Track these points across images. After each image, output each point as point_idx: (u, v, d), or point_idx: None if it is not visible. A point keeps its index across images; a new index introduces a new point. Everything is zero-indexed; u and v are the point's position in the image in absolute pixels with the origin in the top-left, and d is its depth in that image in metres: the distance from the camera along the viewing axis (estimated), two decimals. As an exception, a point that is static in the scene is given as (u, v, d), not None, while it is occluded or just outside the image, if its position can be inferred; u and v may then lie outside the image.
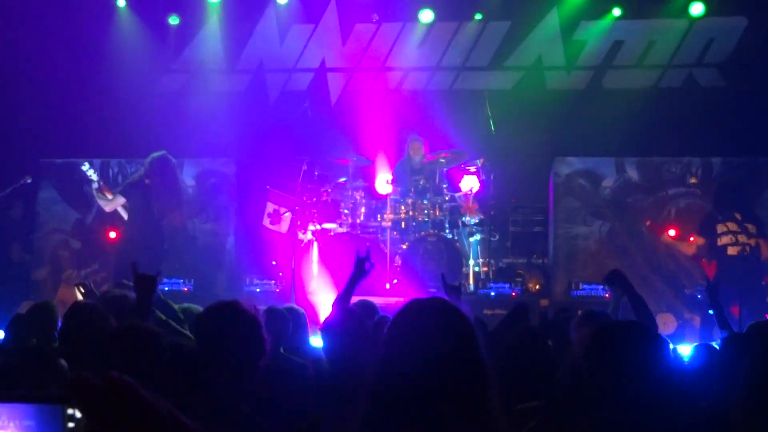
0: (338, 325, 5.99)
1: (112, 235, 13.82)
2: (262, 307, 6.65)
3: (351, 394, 3.13)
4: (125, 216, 13.16)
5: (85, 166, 13.27)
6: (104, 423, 1.58)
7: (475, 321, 2.96)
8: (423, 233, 14.35)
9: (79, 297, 7.79)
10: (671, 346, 4.18)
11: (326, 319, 6.18)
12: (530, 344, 5.59)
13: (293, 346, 6.73)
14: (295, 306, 7.99)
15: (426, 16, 16.18)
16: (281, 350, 6.42)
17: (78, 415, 2.99)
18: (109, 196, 13.07)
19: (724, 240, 12.92)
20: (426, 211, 14.49)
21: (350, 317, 6.16)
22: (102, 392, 1.58)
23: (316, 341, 7.24)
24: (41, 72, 15.65)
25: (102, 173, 15.21)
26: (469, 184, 14.53)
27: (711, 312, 8.08)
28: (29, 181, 14.56)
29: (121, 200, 13.06)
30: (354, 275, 7.02)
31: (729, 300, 10.87)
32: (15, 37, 15.23)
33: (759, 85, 15.32)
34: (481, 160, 14.68)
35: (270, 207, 14.95)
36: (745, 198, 13.67)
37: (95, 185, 13.15)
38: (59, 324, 6.17)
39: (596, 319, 6.35)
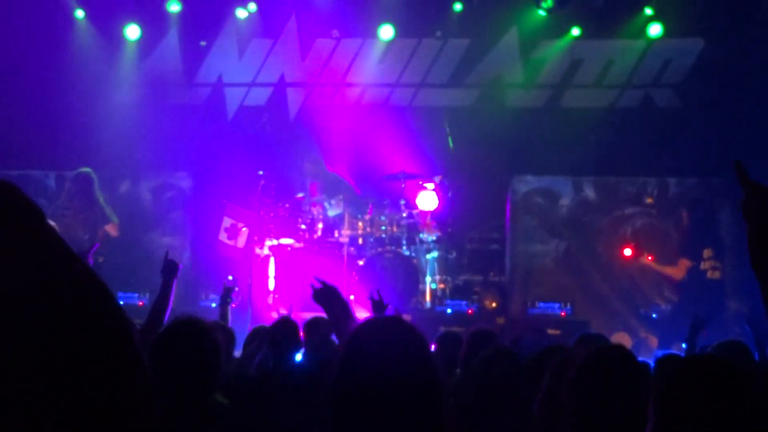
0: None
1: None
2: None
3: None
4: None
5: None
6: None
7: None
8: (380, 249, 14.36)
9: None
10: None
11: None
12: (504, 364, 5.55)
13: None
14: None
15: (386, 32, 16.18)
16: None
17: None
18: None
19: (706, 265, 13.02)
20: (383, 227, 14.51)
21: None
22: None
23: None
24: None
25: (57, 185, 15.12)
26: (427, 200, 14.56)
27: (684, 345, 8.08)
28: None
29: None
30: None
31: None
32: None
33: (714, 106, 15.45)
34: (439, 177, 14.73)
35: (227, 222, 14.91)
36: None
37: None
38: None
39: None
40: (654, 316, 13.93)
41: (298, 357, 7.16)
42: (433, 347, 7.32)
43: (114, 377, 1.34)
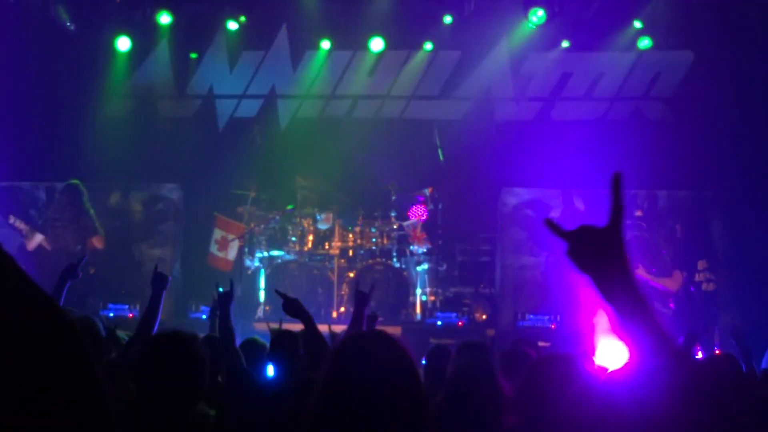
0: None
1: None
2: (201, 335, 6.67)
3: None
4: (49, 249, 13.39)
5: (11, 219, 13.44)
6: None
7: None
8: (370, 261, 14.37)
9: None
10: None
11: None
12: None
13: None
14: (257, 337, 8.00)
15: (376, 44, 16.19)
16: (219, 378, 6.40)
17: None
18: (32, 237, 13.25)
19: (701, 276, 13.03)
20: (374, 239, 14.53)
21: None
22: None
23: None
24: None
25: (48, 197, 15.11)
26: (418, 213, 14.59)
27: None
28: (-28, 204, 14.44)
29: (39, 237, 13.12)
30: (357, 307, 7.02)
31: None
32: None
33: (704, 119, 15.48)
34: (430, 189, 14.75)
35: (217, 233, 14.91)
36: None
37: (24, 231, 13.40)
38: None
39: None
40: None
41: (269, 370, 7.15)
42: (424, 361, 7.33)
43: (75, 406, 1.35)
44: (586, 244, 2.38)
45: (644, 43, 15.80)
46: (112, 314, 13.21)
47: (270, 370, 6.80)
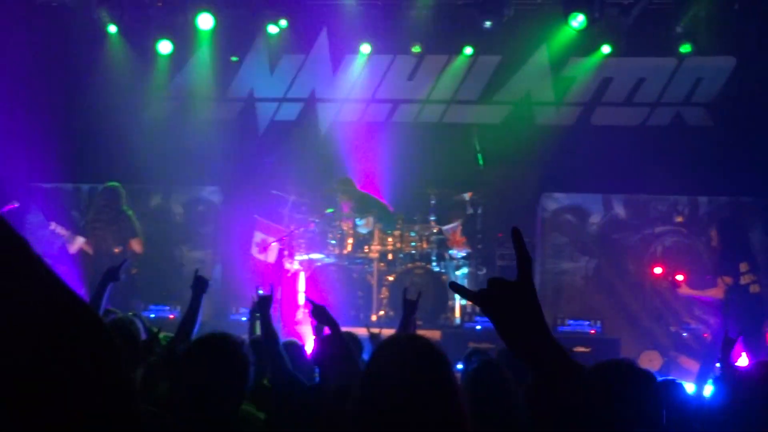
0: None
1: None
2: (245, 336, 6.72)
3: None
4: (90, 252, 13.49)
5: (52, 225, 13.53)
6: None
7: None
8: (410, 265, 14.37)
9: None
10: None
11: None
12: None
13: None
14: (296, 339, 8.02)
15: (416, 48, 16.20)
16: (265, 382, 6.43)
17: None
18: (73, 241, 13.34)
19: (746, 279, 12.90)
20: (413, 243, 14.52)
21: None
22: None
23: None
24: (31, 96, 15.62)
25: (90, 198, 15.23)
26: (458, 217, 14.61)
27: (718, 365, 7.97)
28: (16, 205, 14.50)
29: (81, 240, 13.20)
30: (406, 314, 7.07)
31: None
32: (6, 61, 15.21)
33: (746, 125, 15.38)
34: (470, 194, 14.74)
35: (258, 236, 14.96)
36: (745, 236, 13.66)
37: (66, 236, 13.50)
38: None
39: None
40: (684, 335, 13.86)
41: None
42: (460, 365, 7.31)
43: (101, 405, 1.35)
44: (498, 300, 2.25)
45: (686, 48, 15.70)
46: (152, 315, 13.29)
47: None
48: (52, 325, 1.33)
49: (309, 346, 7.91)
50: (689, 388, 7.20)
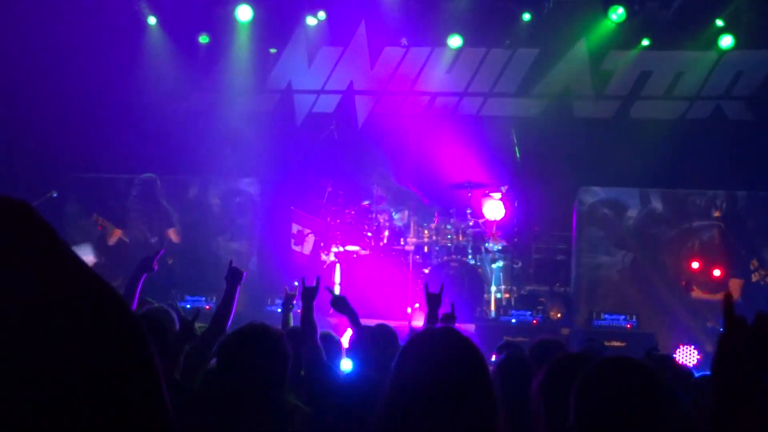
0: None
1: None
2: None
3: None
4: (127, 241, 13.59)
5: (94, 216, 13.64)
6: None
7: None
8: (445, 258, 14.36)
9: None
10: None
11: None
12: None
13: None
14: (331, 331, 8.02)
15: (455, 41, 16.18)
16: (301, 373, 6.45)
17: None
18: (111, 232, 13.43)
19: (757, 276, 12.85)
20: (449, 236, 14.51)
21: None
22: None
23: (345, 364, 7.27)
24: (71, 87, 15.71)
25: (127, 189, 15.32)
26: (494, 210, 14.54)
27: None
28: (55, 195, 14.63)
29: (119, 232, 13.28)
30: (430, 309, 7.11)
31: None
32: (47, 54, 15.30)
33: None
34: (506, 187, 14.70)
35: (294, 228, 14.99)
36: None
37: (107, 228, 13.58)
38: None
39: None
40: (722, 330, 13.77)
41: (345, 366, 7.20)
42: (494, 357, 7.30)
43: (128, 392, 1.36)
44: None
45: (726, 41, 15.58)
46: (188, 306, 13.35)
47: (346, 365, 6.85)
48: (77, 309, 1.34)
49: (345, 338, 7.92)
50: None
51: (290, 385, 4.96)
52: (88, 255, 12.62)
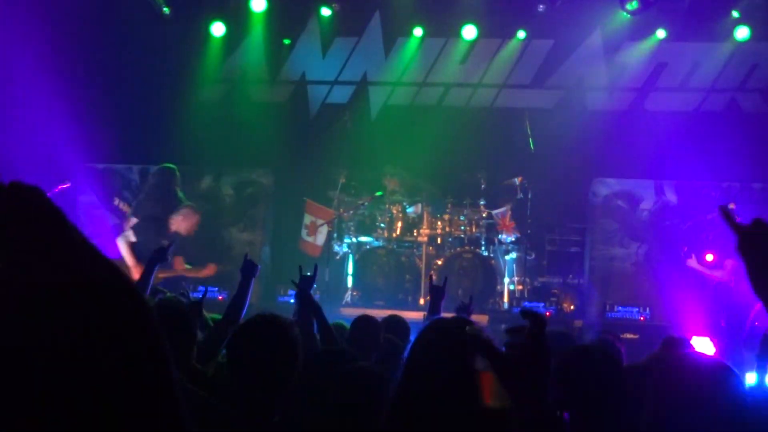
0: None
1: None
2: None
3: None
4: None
5: (116, 201, 13.62)
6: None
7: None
8: (459, 249, 14.35)
9: None
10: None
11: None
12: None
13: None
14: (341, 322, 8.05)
15: (469, 32, 16.14)
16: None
17: None
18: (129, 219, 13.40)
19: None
20: (462, 228, 14.50)
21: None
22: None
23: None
24: (86, 77, 15.75)
25: (141, 179, 15.35)
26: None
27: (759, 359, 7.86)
28: (68, 185, 14.63)
29: (134, 220, 13.27)
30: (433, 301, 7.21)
31: None
32: (61, 43, 15.33)
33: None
34: (520, 179, 14.68)
35: (307, 219, 15.00)
36: None
37: (127, 213, 13.57)
38: None
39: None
40: (735, 235, 13.70)
41: None
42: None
43: (138, 378, 1.36)
44: (758, 238, 2.39)
45: (742, 33, 15.51)
46: (199, 296, 13.35)
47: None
48: (87, 293, 1.35)
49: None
50: (750, 378, 7.11)
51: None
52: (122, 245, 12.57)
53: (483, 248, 14.52)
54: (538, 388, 2.33)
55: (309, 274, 6.95)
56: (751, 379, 7.13)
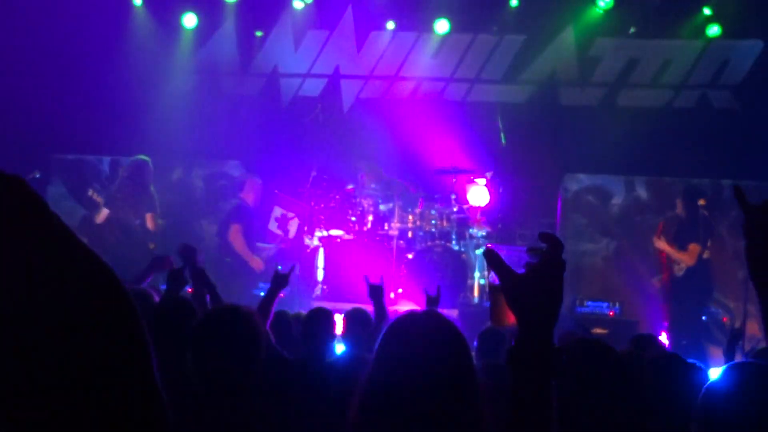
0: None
1: None
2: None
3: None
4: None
5: (90, 192, 13.56)
6: None
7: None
8: (429, 243, 14.34)
9: None
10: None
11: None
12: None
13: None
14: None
15: (441, 26, 16.15)
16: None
17: None
18: (101, 211, 13.34)
19: (707, 254, 13.00)
20: (433, 222, 14.49)
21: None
22: None
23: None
24: (55, 68, 15.65)
25: (111, 170, 15.28)
26: (478, 196, 14.52)
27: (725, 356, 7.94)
28: (38, 176, 14.55)
29: (106, 211, 13.22)
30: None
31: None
32: (30, 33, 15.23)
33: (772, 108, 15.28)
34: (491, 173, 14.70)
35: (277, 211, 14.96)
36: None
37: (100, 204, 13.51)
38: None
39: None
40: (704, 318, 13.79)
41: (339, 349, 7.22)
42: (475, 343, 7.31)
43: (120, 368, 1.36)
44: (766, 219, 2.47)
45: (713, 30, 15.59)
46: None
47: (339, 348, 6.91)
48: (69, 282, 1.34)
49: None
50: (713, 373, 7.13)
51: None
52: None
53: (454, 242, 14.52)
54: (547, 315, 2.34)
55: (280, 268, 6.97)
56: (715, 374, 7.17)
